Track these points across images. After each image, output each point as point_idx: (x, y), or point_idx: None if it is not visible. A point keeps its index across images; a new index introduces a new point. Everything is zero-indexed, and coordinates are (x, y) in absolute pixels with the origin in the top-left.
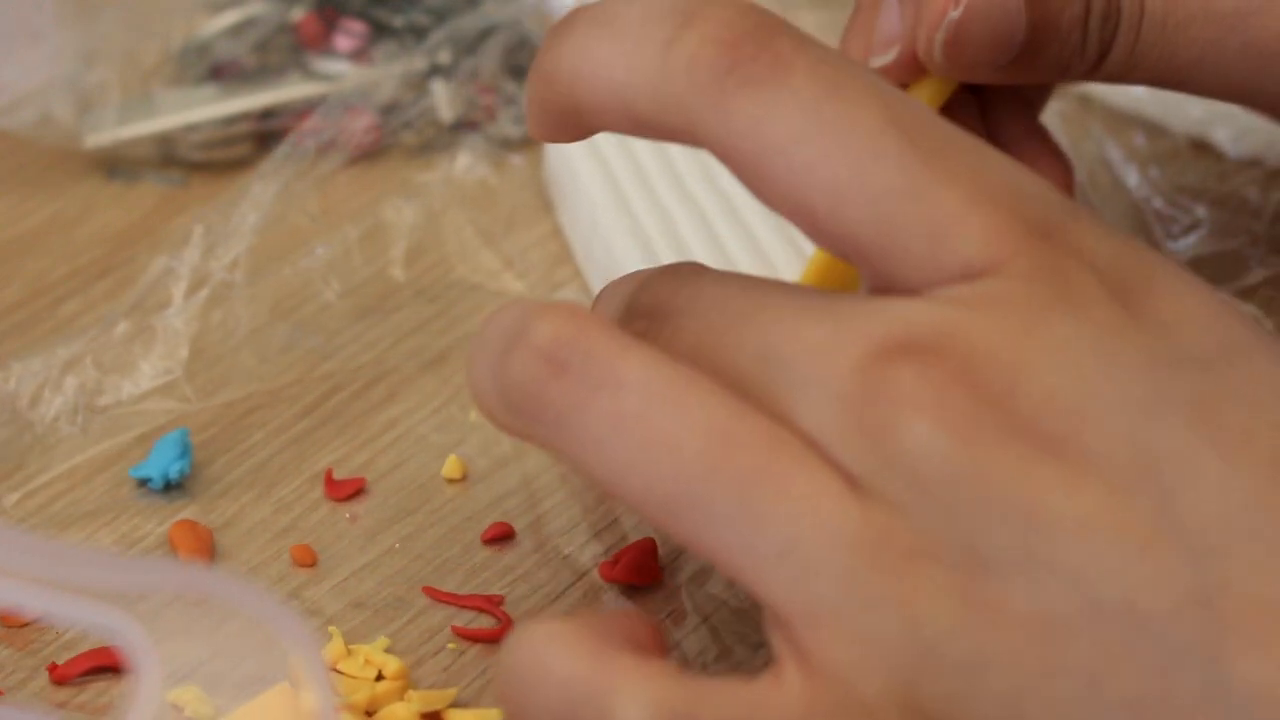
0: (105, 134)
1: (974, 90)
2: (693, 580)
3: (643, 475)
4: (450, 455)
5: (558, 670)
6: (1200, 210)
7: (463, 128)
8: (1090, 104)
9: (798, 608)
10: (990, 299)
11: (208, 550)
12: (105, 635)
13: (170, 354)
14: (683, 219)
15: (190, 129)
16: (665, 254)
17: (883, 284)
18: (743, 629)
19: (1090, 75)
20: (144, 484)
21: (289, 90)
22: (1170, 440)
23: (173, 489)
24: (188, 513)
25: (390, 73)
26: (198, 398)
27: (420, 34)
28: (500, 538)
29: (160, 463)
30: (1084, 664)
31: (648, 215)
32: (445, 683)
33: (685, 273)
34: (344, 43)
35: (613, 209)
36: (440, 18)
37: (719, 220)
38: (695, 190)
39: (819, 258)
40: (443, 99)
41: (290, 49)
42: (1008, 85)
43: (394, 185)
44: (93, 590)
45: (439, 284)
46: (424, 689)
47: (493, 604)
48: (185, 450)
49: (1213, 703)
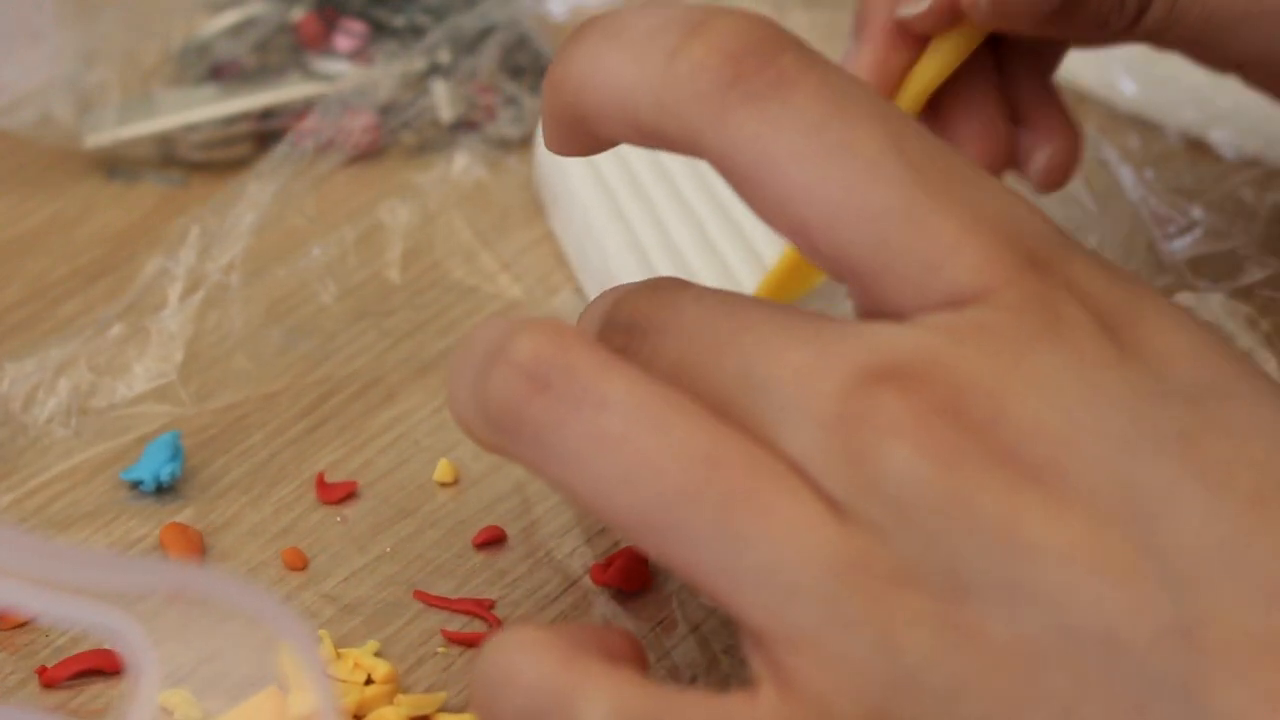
0: (105, 134)
1: (992, 47)
2: (683, 589)
3: (623, 496)
4: (443, 459)
5: (526, 674)
6: (1196, 211)
7: (462, 128)
8: (1086, 105)
9: (776, 630)
10: (978, 328)
11: (199, 553)
12: (104, 635)
13: (164, 356)
14: (675, 221)
15: (190, 129)
16: (658, 257)
17: (872, 306)
18: (732, 640)
19: (1128, 33)
20: (136, 487)
21: (289, 90)
22: (1153, 472)
23: (165, 492)
24: (180, 516)
25: (390, 73)
26: (192, 401)
27: (420, 34)
28: (492, 542)
29: (151, 465)
30: (1060, 693)
31: (640, 218)
32: (435, 687)
33: (665, 289)
34: (344, 43)
35: (605, 212)
36: (440, 17)
37: (711, 221)
38: (686, 192)
39: (779, 267)
40: (442, 99)
41: (290, 49)
42: (1027, 43)
43: (391, 186)
44: (91, 590)
45: (435, 286)
46: (414, 693)
47: (484, 608)
48: (176, 453)
49: None
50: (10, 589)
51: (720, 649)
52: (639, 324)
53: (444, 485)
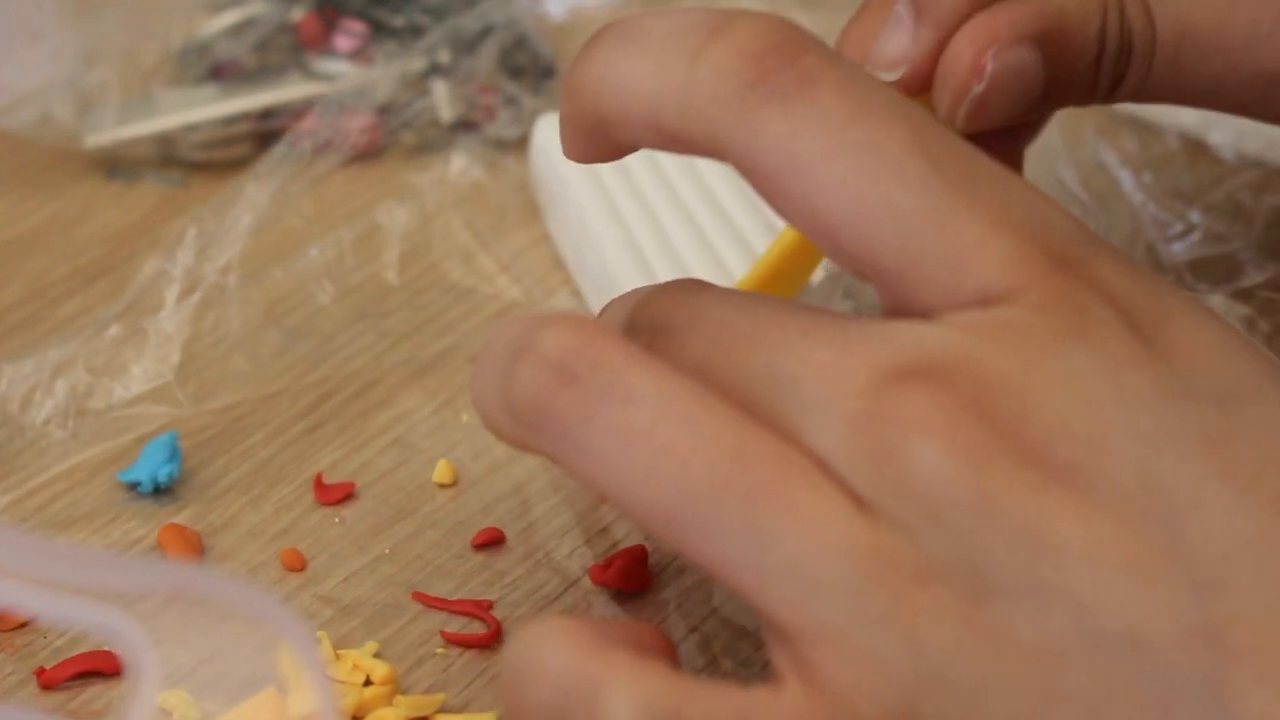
0: (105, 134)
1: None
2: (683, 591)
3: (648, 489)
4: (442, 460)
5: (551, 664)
6: (1195, 214)
7: (462, 128)
8: (1084, 108)
9: (801, 625)
10: (1005, 327)
11: (197, 554)
12: (104, 636)
13: (162, 358)
14: (671, 222)
15: (190, 129)
16: (655, 258)
17: (898, 306)
18: (732, 641)
19: (1099, 102)
20: (134, 488)
21: (289, 90)
22: (1180, 473)
23: (163, 493)
24: (178, 517)
25: (390, 73)
26: (189, 402)
27: (420, 34)
28: (491, 543)
29: (148, 466)
30: (1085, 693)
31: (636, 219)
32: (434, 688)
33: (687, 290)
34: (344, 43)
35: (601, 213)
36: (440, 17)
37: (707, 222)
38: (682, 192)
39: (767, 258)
40: (442, 99)
41: (290, 49)
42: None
43: (389, 188)
44: (91, 590)
45: (433, 288)
46: (413, 694)
47: (482, 609)
48: (174, 454)
49: None
50: (10, 589)
51: (720, 650)
52: (662, 324)
53: (443, 486)
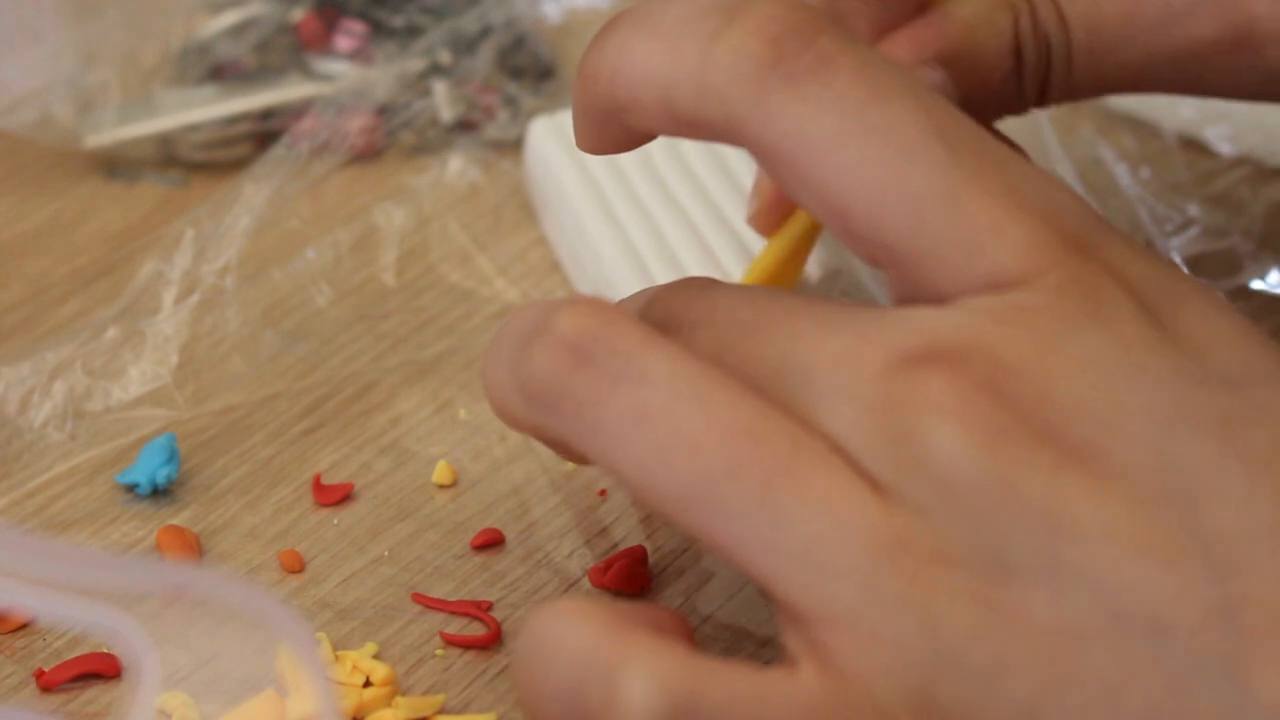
0: (105, 134)
1: None
2: (683, 592)
3: (662, 471)
4: (441, 461)
5: (569, 644)
6: (1193, 209)
7: (462, 128)
8: (1080, 104)
9: (816, 608)
10: (1020, 310)
11: (196, 555)
12: (104, 636)
13: (160, 360)
14: (667, 223)
15: (190, 129)
16: (651, 259)
17: (911, 292)
18: (733, 643)
19: (1033, 107)
20: (132, 490)
21: (289, 90)
22: (1196, 455)
23: (161, 495)
24: (177, 519)
25: (389, 73)
26: (187, 404)
27: (419, 34)
28: (490, 544)
29: (147, 468)
30: (1103, 675)
31: (632, 220)
32: (434, 689)
33: (698, 286)
34: (344, 43)
35: (597, 215)
36: (440, 18)
37: (704, 222)
38: (677, 192)
39: (762, 259)
40: (443, 99)
41: (290, 49)
42: None
43: (386, 189)
44: (91, 591)
45: (431, 290)
46: (413, 695)
47: (481, 610)
48: (172, 456)
49: (1231, 717)
50: (10, 589)
51: (720, 652)
52: (673, 319)
53: (442, 487)
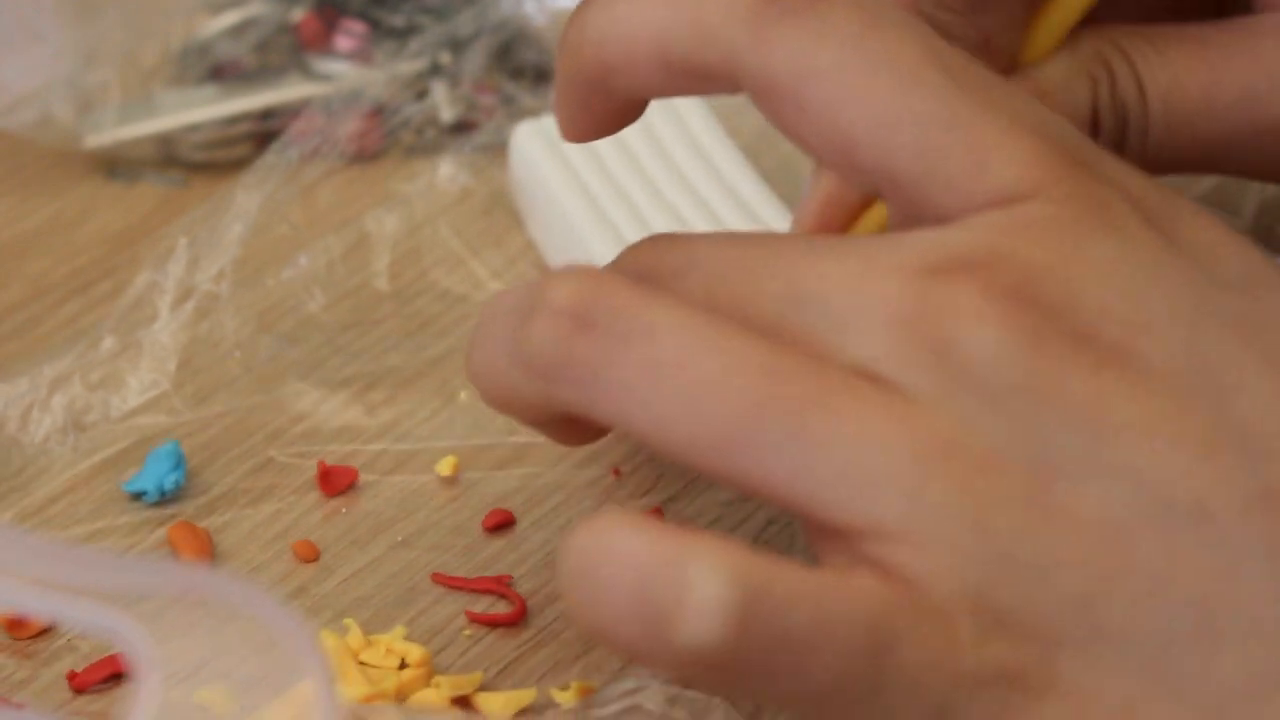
0: (105, 134)
1: None
2: None
3: (688, 421)
4: (446, 457)
5: (629, 548)
6: None
7: (462, 128)
8: None
9: (864, 524)
10: (1030, 222)
11: (208, 552)
12: (107, 637)
13: (158, 369)
14: (659, 221)
15: (190, 129)
16: None
17: (913, 215)
18: None
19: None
20: (138, 498)
21: (289, 90)
22: (1222, 352)
23: (167, 501)
24: (184, 520)
25: (390, 73)
26: (187, 411)
27: (420, 34)
28: (502, 525)
29: (154, 476)
30: (1152, 564)
31: (623, 220)
32: (466, 668)
33: (668, 238)
34: (344, 43)
35: (588, 216)
36: (440, 17)
37: (695, 219)
38: (665, 190)
39: None
40: (443, 99)
41: (290, 49)
42: None
43: (379, 194)
44: (96, 592)
45: (424, 295)
46: (450, 675)
47: (501, 584)
48: (179, 462)
49: (1273, 597)
50: (15, 590)
51: None
52: (654, 269)
53: (447, 479)
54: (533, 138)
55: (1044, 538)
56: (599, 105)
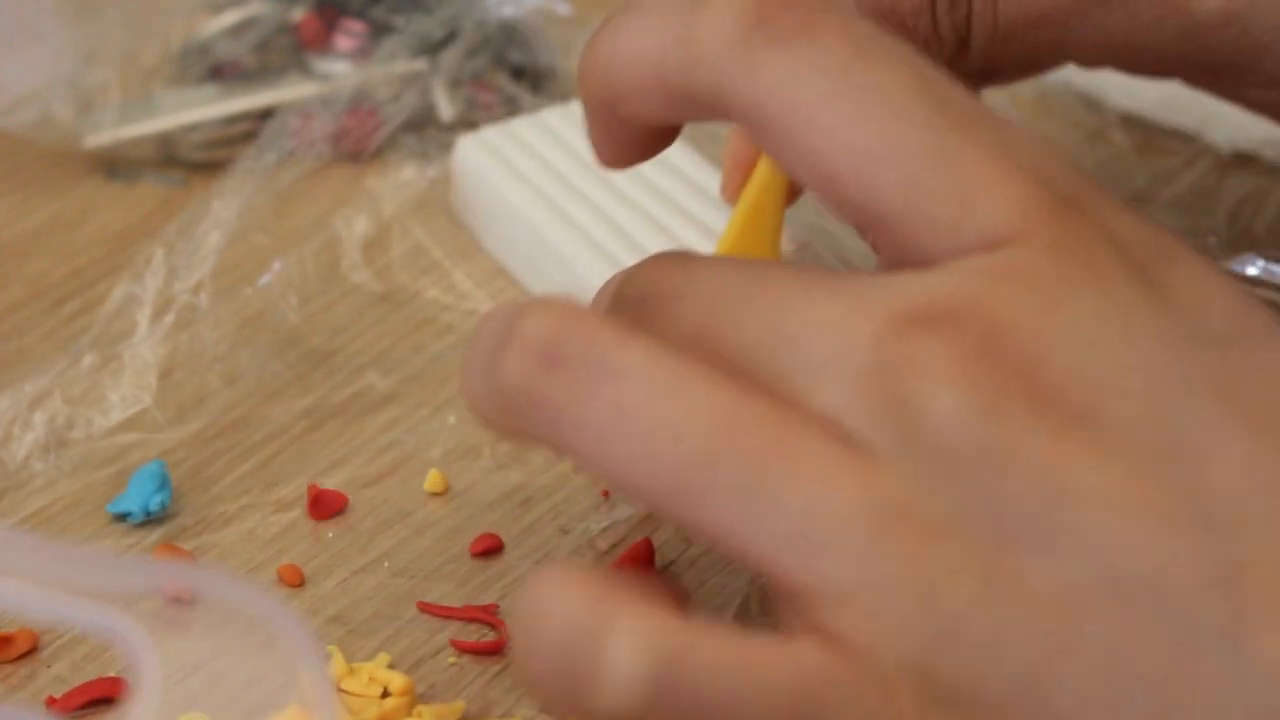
0: (105, 134)
1: None
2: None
3: (645, 466)
4: (432, 470)
5: (558, 608)
6: (1157, 216)
7: (462, 127)
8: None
9: (813, 585)
10: (1014, 269)
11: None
12: (107, 636)
13: (140, 383)
14: (623, 215)
15: (190, 129)
16: (621, 252)
17: (900, 255)
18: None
19: (956, 66)
20: (123, 519)
21: (289, 90)
22: (1196, 414)
23: (152, 522)
24: (169, 540)
25: (390, 73)
26: (170, 426)
27: (420, 34)
28: (490, 550)
29: (139, 496)
30: (1102, 640)
31: (589, 219)
32: (450, 697)
33: (673, 259)
34: (344, 43)
35: (553, 221)
36: (440, 17)
37: (659, 211)
38: (623, 187)
39: (729, 232)
40: (443, 99)
41: (290, 49)
42: None
43: (348, 195)
44: (95, 591)
45: (411, 302)
46: (433, 704)
47: (488, 613)
48: (164, 482)
49: (1232, 680)
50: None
51: None
52: (650, 295)
53: (435, 495)
54: (478, 151)
55: (993, 610)
56: (619, 132)
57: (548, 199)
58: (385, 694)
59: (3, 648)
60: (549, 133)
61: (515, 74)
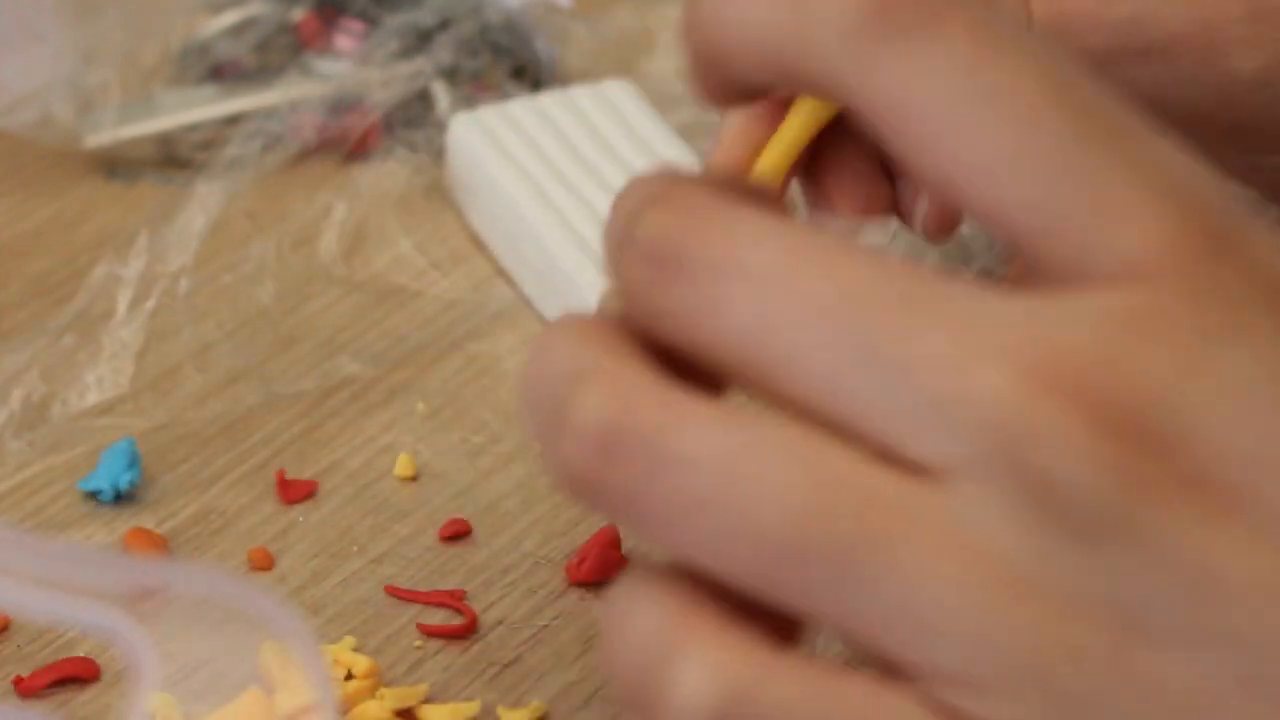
0: (105, 134)
1: None
2: None
3: (728, 558)
4: (402, 454)
5: (638, 623)
6: None
7: None
8: None
9: (919, 665)
10: (1152, 318)
11: (165, 556)
12: (107, 636)
13: (117, 366)
14: (602, 203)
15: (190, 129)
16: (596, 239)
17: (1029, 265)
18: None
19: None
20: (94, 496)
21: (289, 90)
22: None
23: (123, 500)
24: (141, 522)
25: (390, 73)
26: (144, 409)
27: (420, 34)
28: (459, 535)
29: (109, 474)
30: None
31: (569, 204)
32: (415, 680)
33: (693, 194)
34: (344, 43)
35: (534, 203)
36: (440, 17)
37: None
38: (607, 174)
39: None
40: (442, 98)
41: (290, 49)
42: None
43: (330, 188)
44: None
45: (385, 290)
46: (396, 688)
47: (456, 599)
48: (134, 460)
49: None
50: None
51: None
52: (675, 258)
53: (405, 480)
54: (471, 129)
55: (1121, 703)
56: (726, 84)
57: (532, 180)
58: (349, 676)
59: None
60: (543, 116)
61: (515, 73)
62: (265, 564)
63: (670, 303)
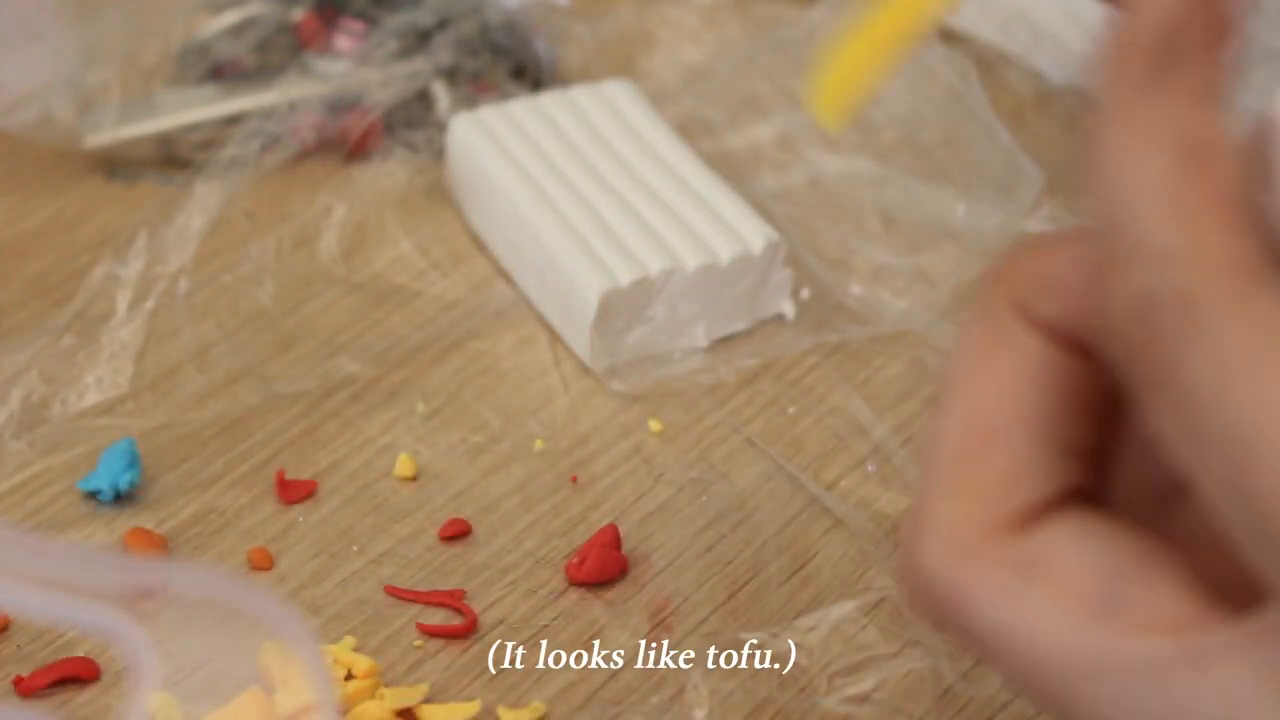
0: (105, 134)
1: None
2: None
3: None
4: (402, 454)
5: (924, 569)
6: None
7: None
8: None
9: None
10: None
11: (164, 556)
12: (106, 636)
13: (116, 366)
14: (601, 202)
15: (190, 129)
16: (593, 236)
17: None
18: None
19: None
20: (94, 496)
21: (289, 90)
22: None
23: (123, 499)
24: (141, 522)
25: (390, 73)
26: (144, 409)
27: (420, 34)
28: (459, 535)
29: (109, 474)
30: None
31: (568, 203)
32: (414, 680)
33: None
34: (344, 43)
35: (533, 201)
36: (440, 17)
37: (636, 199)
38: (606, 173)
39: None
40: (442, 98)
41: (290, 49)
42: None
43: (330, 188)
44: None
45: (385, 290)
46: (396, 687)
47: (455, 599)
48: (133, 460)
49: None
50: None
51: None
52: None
53: (405, 480)
54: (470, 127)
55: None
56: None
57: (532, 180)
58: (349, 676)
59: None
60: (543, 116)
61: (515, 73)
62: (265, 564)
63: None
